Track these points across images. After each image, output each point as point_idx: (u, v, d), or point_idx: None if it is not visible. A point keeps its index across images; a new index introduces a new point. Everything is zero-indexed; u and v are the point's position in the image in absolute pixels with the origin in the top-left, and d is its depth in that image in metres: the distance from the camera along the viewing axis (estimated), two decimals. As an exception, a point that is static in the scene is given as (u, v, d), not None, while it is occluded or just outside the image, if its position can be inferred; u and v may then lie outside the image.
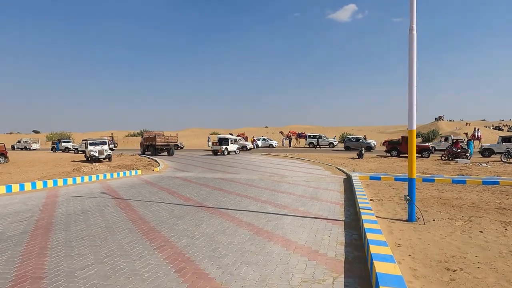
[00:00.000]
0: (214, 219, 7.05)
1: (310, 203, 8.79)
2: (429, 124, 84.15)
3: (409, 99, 6.23)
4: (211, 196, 10.14)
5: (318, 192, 10.78)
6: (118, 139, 73.55)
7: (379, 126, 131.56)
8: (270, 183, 13.21)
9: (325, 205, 8.51)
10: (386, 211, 7.40)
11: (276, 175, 16.11)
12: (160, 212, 7.88)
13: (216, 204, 8.82)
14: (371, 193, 9.96)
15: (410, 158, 6.25)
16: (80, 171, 16.65)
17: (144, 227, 6.47)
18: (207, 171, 18.47)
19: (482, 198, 8.76)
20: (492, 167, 18.24)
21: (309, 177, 15.07)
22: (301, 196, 10.02)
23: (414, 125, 6.22)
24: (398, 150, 26.63)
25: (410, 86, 6.24)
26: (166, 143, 33.34)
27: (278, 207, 8.29)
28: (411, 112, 6.21)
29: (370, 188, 11.06)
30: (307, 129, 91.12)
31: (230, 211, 7.84)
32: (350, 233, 5.90)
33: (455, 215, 6.79)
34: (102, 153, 25.27)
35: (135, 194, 10.70)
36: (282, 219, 7.03)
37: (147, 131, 49.64)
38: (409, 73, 6.24)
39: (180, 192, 11.03)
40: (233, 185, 12.69)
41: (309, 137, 43.47)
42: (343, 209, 8.06)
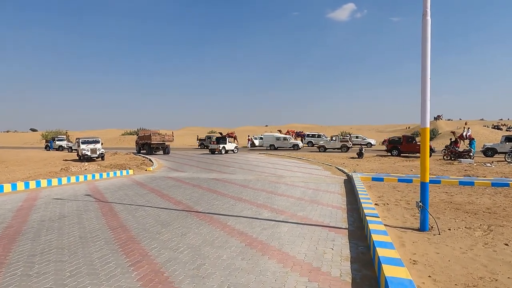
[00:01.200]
0: (204, 227, 6.33)
1: (309, 208, 8.09)
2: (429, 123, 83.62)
3: (422, 94, 5.52)
4: (203, 199, 9.42)
5: (318, 194, 10.07)
6: (114, 138, 72.73)
7: (378, 125, 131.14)
8: (267, 184, 12.50)
9: (326, 210, 7.80)
10: (393, 217, 6.70)
11: (274, 175, 15.40)
12: (144, 218, 7.15)
13: (207, 208, 8.10)
14: (375, 196, 9.25)
15: (423, 159, 5.54)
16: (68, 171, 15.89)
17: (123, 236, 5.74)
18: (202, 171, 17.75)
19: (496, 202, 8.07)
20: (497, 167, 17.59)
21: (308, 177, 14.37)
22: (300, 199, 9.31)
23: (427, 122, 5.51)
24: (399, 150, 25.97)
25: (423, 79, 5.53)
26: (162, 142, 32.57)
27: (275, 212, 7.58)
28: (424, 108, 5.51)
29: (373, 190, 10.36)
30: (306, 128, 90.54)
31: (222, 217, 7.12)
32: (356, 244, 5.19)
33: (472, 223, 6.09)
34: (94, 152, 24.49)
35: (122, 196, 9.96)
36: (279, 226, 6.32)
37: (144, 129, 48.85)
38: (422, 64, 5.53)
39: (170, 194, 10.30)
40: (228, 186, 11.97)
41: (307, 136, 42.76)
42: (345, 214, 7.35)
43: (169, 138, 33.16)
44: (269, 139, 39.65)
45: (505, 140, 24.87)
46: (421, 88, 5.55)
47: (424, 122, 5.52)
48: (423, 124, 5.53)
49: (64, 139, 43.67)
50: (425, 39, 5.54)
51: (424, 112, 5.50)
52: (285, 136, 39.11)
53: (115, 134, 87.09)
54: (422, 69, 5.54)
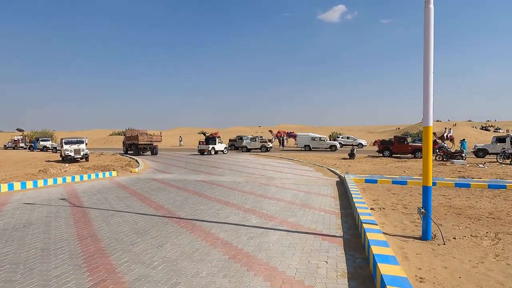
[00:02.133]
0: (184, 236, 5.71)
1: (301, 212, 7.53)
2: (418, 124, 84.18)
3: (425, 90, 5.02)
4: (187, 203, 8.78)
5: (309, 197, 9.53)
6: (102, 138, 71.25)
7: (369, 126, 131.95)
8: (256, 186, 11.92)
9: (318, 215, 7.25)
10: (392, 224, 6.18)
11: (264, 177, 14.83)
12: (120, 225, 6.49)
13: (191, 214, 7.47)
14: (369, 200, 8.75)
15: (426, 161, 5.03)
16: (47, 172, 15.05)
17: (92, 248, 5.09)
18: (190, 172, 17.08)
19: (497, 206, 7.64)
20: (490, 168, 17.36)
21: (299, 179, 13.84)
22: (291, 202, 8.76)
23: (430, 120, 5.00)
24: (391, 150, 25.68)
25: (425, 74, 5.02)
26: (149, 142, 31.72)
27: (263, 218, 7.00)
28: (427, 105, 5.00)
29: (368, 193, 9.87)
30: (298, 128, 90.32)
31: (205, 224, 6.50)
32: (353, 256, 4.64)
33: (477, 230, 5.60)
34: (78, 152, 23.56)
35: (100, 200, 9.26)
36: (267, 235, 5.74)
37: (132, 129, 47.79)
38: (425, 58, 5.03)
39: (153, 198, 9.63)
40: (215, 189, 11.35)
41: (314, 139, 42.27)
42: (339, 220, 6.82)
43: (157, 138, 32.31)
44: (304, 139, 35.89)
45: (496, 141, 24.80)
46: (423, 83, 5.04)
47: (427, 120, 5.01)
48: (426, 122, 5.02)
49: (49, 140, 42.39)
50: (428, 30, 5.03)
51: (427, 110, 5.00)
52: (321, 136, 35.84)
53: (103, 135, 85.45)
54: (425, 63, 5.04)
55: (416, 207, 7.68)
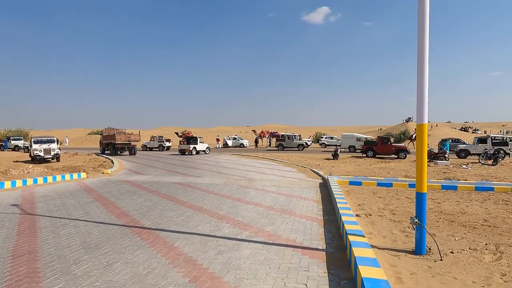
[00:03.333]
0: (142, 251, 4.88)
1: (280, 220, 6.81)
2: (399, 125, 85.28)
3: (419, 85, 4.38)
4: (155, 209, 7.92)
5: (290, 202, 8.84)
6: (80, 137, 68.81)
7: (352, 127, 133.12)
8: (235, 189, 11.14)
9: (299, 223, 6.54)
10: (380, 234, 5.53)
11: (244, 178, 14.07)
12: (70, 237, 5.59)
13: (156, 222, 6.63)
14: (354, 204, 8.12)
15: (420, 164, 4.38)
16: (7, 174, 13.82)
17: (23, 269, 4.19)
18: (167, 173, 16.14)
19: (490, 211, 7.13)
20: (473, 169, 17.18)
21: (280, 181, 13.14)
22: (270, 208, 8.03)
23: (425, 117, 4.36)
24: (374, 151, 25.39)
25: (420, 67, 4.38)
26: (127, 142, 30.44)
27: (238, 227, 6.24)
28: (422, 100, 4.36)
29: (352, 197, 9.25)
30: (282, 128, 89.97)
31: (170, 236, 5.68)
32: (337, 277, 3.94)
33: (475, 241, 5.01)
34: (48, 152, 22.14)
35: (57, 206, 8.27)
36: (239, 248, 4.98)
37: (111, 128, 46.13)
38: (419, 49, 4.39)
39: (118, 203, 8.71)
40: (189, 192, 10.51)
41: (282, 136, 41.75)
42: (322, 228, 6.12)
43: (135, 137, 31.06)
44: (349, 139, 32.58)
45: (478, 141, 24.89)
46: (418, 78, 4.40)
47: (421, 118, 4.36)
48: (420, 119, 4.37)
49: (21, 139, 40.28)
50: (423, 17, 4.39)
51: (422, 106, 4.35)
52: (367, 137, 33.05)
53: (82, 134, 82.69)
54: (419, 55, 4.40)
55: (404, 212, 7.10)
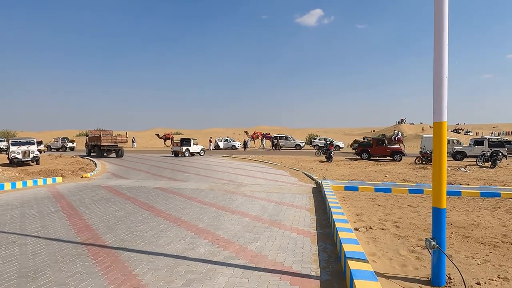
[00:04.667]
0: (90, 281, 3.90)
1: (267, 234, 5.88)
2: (392, 126, 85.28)
3: (437, 72, 3.50)
4: (126, 220, 6.94)
5: (280, 210, 7.92)
6: (69, 139, 67.07)
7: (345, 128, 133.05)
8: (220, 195, 10.20)
9: (288, 238, 5.63)
10: (385, 255, 4.63)
11: (233, 183, 13.14)
12: (9, 261, 4.58)
13: (121, 238, 5.65)
14: (352, 214, 7.24)
15: (438, 172, 3.49)
16: (-27, 179, 12.67)
17: None
18: (151, 177, 15.13)
19: (505, 223, 6.29)
20: (472, 172, 16.48)
21: (271, 185, 12.23)
22: (257, 218, 7.10)
23: (444, 113, 3.48)
24: (369, 153, 24.64)
25: (438, 54, 3.49)
26: (114, 144, 29.25)
27: (216, 244, 5.29)
28: (440, 94, 3.47)
29: (349, 204, 8.37)
30: (276, 130, 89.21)
31: (133, 257, 4.72)
32: (335, 319, 3.02)
33: (502, 266, 4.13)
34: (27, 154, 20.93)
35: (13, 218, 7.23)
36: (214, 276, 4.04)
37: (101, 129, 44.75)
38: (437, 33, 3.50)
39: (86, 213, 7.71)
40: (170, 199, 9.54)
41: (275, 138, 40.91)
42: (315, 246, 5.21)
43: (122, 139, 29.88)
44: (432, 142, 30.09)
45: (474, 143, 24.32)
46: (434, 67, 3.51)
47: (439, 114, 3.48)
48: (438, 116, 3.48)
49: (3, 140, 38.76)
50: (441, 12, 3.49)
51: (440, 100, 3.47)
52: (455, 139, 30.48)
53: (71, 135, 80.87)
54: (437, 41, 3.51)
55: (409, 224, 6.23)
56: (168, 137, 47.99)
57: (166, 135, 48.74)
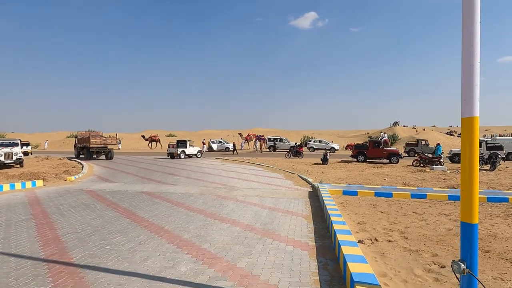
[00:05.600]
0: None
1: (259, 247, 5.19)
2: (386, 129, 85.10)
3: (466, 62, 2.85)
4: (102, 231, 6.20)
5: (275, 218, 7.24)
6: (58, 141, 65.84)
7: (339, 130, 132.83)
8: (211, 200, 9.49)
9: (284, 252, 4.94)
10: (397, 276, 3.96)
11: (225, 186, 12.43)
12: (-50, 284, 3.84)
13: (92, 253, 4.92)
14: (353, 223, 6.58)
15: (469, 179, 2.83)
16: None
17: None
18: (139, 180, 14.36)
19: (524, 232, 5.68)
20: (473, 175, 15.96)
21: (265, 189, 11.54)
22: (248, 227, 6.41)
23: (475, 107, 2.83)
24: (365, 155, 24.08)
25: (467, 37, 2.85)
26: (103, 145, 28.35)
27: (201, 261, 4.59)
28: (470, 83, 2.82)
29: (349, 211, 7.72)
30: (270, 132, 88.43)
31: (99, 279, 3.99)
32: None
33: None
34: (9, 156, 19.98)
35: (-25, 228, 6.45)
36: (194, 304, 3.34)
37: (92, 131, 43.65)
38: (466, 12, 2.85)
39: (59, 222, 6.94)
40: (156, 205, 8.81)
41: (269, 140, 40.29)
42: (315, 262, 4.54)
43: (112, 140, 28.99)
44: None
45: (472, 145, 23.82)
46: (463, 53, 2.87)
47: (470, 107, 2.83)
48: (469, 111, 2.83)
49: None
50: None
51: (471, 91, 2.82)
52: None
53: (61, 137, 79.43)
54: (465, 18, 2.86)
55: (418, 234, 5.58)
56: (154, 139, 47.15)
57: (152, 137, 47.87)
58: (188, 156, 29.38)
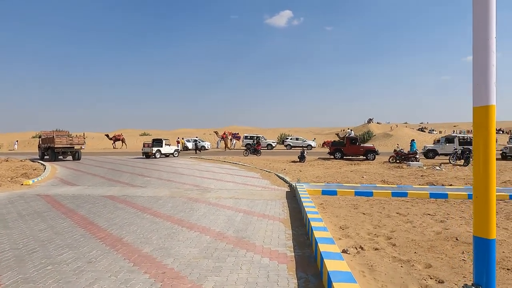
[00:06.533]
0: None
1: (230, 261, 4.51)
2: (361, 126, 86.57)
3: (478, 39, 2.28)
4: (48, 246, 5.31)
5: (250, 223, 6.59)
6: (24, 141, 62.24)
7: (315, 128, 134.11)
8: (181, 204, 8.72)
9: (259, 267, 4.29)
10: (388, 292, 3.40)
11: (197, 188, 11.66)
12: None
13: (26, 277, 4.06)
14: (335, 227, 6.03)
15: (484, 182, 2.28)
16: None
17: None
18: (105, 183, 13.31)
19: (515, 234, 5.32)
20: (448, 170, 16.01)
21: (241, 190, 10.88)
22: (220, 236, 5.72)
23: (491, 96, 2.28)
24: (342, 152, 23.93)
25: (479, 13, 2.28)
26: (70, 145, 26.67)
27: (160, 282, 3.86)
28: (485, 68, 2.26)
29: (329, 213, 7.18)
30: (247, 130, 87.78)
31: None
32: None
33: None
34: (-40, 159, 18.25)
35: None
36: None
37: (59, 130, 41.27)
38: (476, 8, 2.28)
39: (-1, 235, 5.97)
40: (118, 211, 7.94)
41: (245, 138, 39.65)
42: (295, 279, 3.91)
43: (79, 140, 27.35)
44: None
45: (445, 141, 24.26)
46: (474, 32, 2.30)
47: (486, 95, 2.27)
48: (483, 98, 2.28)
49: None
50: None
51: (486, 76, 2.26)
52: None
53: (28, 137, 75.25)
54: None
55: (406, 240, 5.09)
56: (118, 139, 45.48)
57: (116, 136, 46.12)
58: (165, 155, 28.34)
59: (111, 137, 46.52)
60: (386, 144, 45.66)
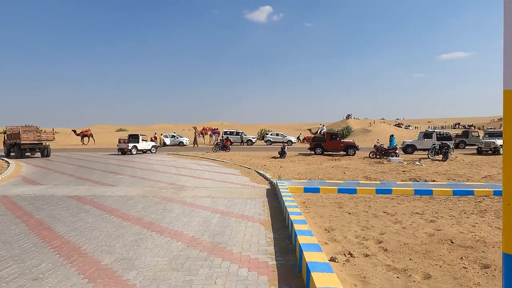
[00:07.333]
0: None
1: (203, 274, 3.92)
2: (340, 121, 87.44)
3: None
4: (-11, 258, 4.53)
5: (227, 226, 6.01)
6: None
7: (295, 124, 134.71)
8: (153, 205, 8.03)
9: (235, 281, 3.72)
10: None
11: (173, 186, 10.96)
12: None
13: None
14: (320, 229, 5.54)
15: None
16: None
17: None
18: (73, 181, 12.36)
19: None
20: (428, 166, 15.99)
21: (219, 188, 10.26)
22: (193, 242, 5.10)
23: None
24: (323, 148, 23.68)
25: None
26: (38, 141, 25.09)
27: (118, 303, 3.22)
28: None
29: (313, 213, 6.70)
30: (226, 126, 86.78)
31: None
32: None
33: None
34: None
35: None
36: None
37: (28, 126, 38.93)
38: None
39: None
40: (82, 214, 7.16)
41: (225, 133, 38.88)
42: (277, 294, 3.37)
43: (48, 136, 25.80)
44: None
45: (423, 136, 24.47)
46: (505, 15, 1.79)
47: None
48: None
49: None
50: None
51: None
52: None
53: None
54: None
55: (398, 243, 4.65)
56: (86, 134, 43.80)
57: (83, 131, 44.35)
58: (142, 151, 27.27)
59: (79, 133, 44.61)
60: (365, 140, 46.08)
